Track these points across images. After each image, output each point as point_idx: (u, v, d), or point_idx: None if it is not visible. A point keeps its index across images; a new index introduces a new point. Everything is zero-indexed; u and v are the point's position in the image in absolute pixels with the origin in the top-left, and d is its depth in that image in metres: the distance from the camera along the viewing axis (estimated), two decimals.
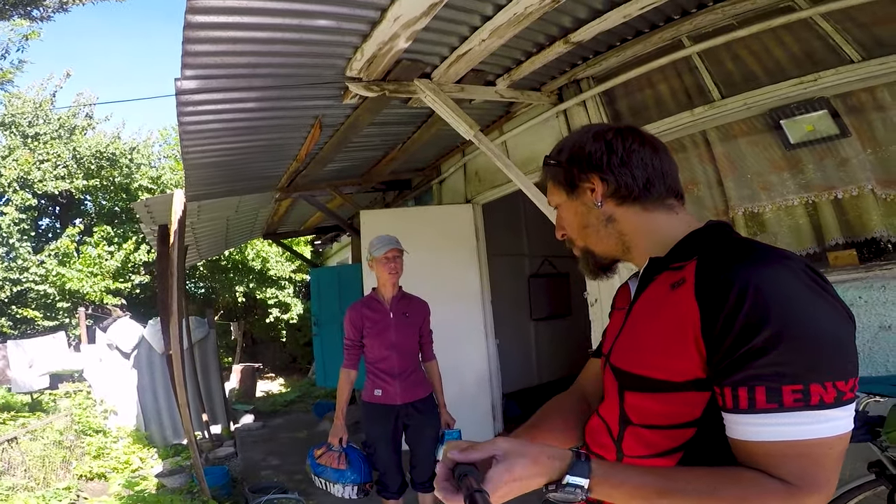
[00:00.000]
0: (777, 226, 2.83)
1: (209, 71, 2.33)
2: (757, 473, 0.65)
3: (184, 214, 4.66)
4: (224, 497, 4.10)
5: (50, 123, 11.81)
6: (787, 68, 2.60)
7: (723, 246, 0.74)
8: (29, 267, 10.75)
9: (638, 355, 0.79)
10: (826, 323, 0.64)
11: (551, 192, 0.95)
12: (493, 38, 2.44)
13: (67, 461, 5.53)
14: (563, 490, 0.66)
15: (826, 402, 0.62)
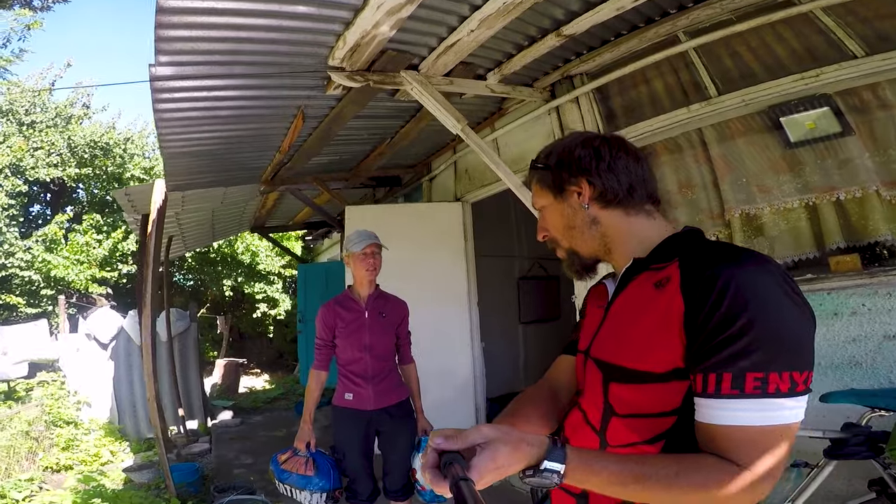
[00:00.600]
0: (775, 229, 2.73)
1: (185, 57, 2.23)
2: (715, 459, 0.70)
3: (164, 204, 4.54)
4: (191, 495, 3.96)
5: (47, 112, 11.69)
6: (788, 64, 2.51)
7: (704, 247, 0.81)
8: (15, 252, 10.58)
9: (622, 348, 0.84)
10: (791, 321, 0.71)
11: (537, 194, 0.98)
12: (483, 29, 2.33)
13: (34, 452, 5.40)
14: (540, 475, 0.68)
15: (782, 391, 0.69)
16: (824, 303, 2.35)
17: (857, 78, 2.35)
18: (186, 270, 12.59)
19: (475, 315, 4.42)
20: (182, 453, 5.51)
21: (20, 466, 5.10)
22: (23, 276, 10.55)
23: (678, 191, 3.04)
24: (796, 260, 2.64)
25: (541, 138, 3.57)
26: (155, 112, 2.71)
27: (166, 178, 4.04)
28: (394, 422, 2.60)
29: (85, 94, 12.57)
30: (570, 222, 0.93)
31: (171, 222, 5.78)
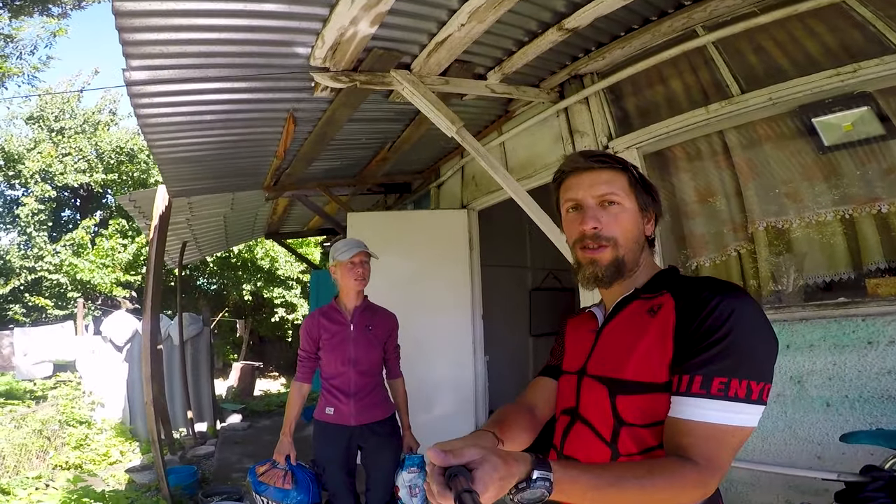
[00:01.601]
0: (806, 244, 2.45)
1: (157, 61, 2.13)
2: (677, 459, 0.81)
3: (168, 210, 4.50)
4: (186, 497, 3.91)
5: (75, 118, 12.07)
6: (820, 60, 2.21)
7: (693, 279, 0.96)
8: (44, 256, 10.92)
9: (624, 364, 0.93)
10: (761, 341, 0.85)
11: (622, 188, 1.00)
12: (474, 23, 2.13)
13: (45, 451, 5.49)
14: (533, 486, 0.71)
15: (739, 396, 0.81)
16: (857, 330, 2.08)
17: None
18: (209, 275, 12.75)
19: (479, 327, 4.20)
20: (187, 455, 5.57)
21: (31, 464, 5.20)
22: (51, 280, 10.86)
23: (697, 199, 2.78)
24: (827, 281, 2.34)
25: (548, 142, 3.34)
26: (137, 118, 2.62)
27: (166, 183, 3.98)
28: (377, 439, 2.50)
29: (112, 100, 12.92)
30: (637, 237, 1.00)
31: (183, 228, 5.77)
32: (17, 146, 11.65)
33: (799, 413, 2.19)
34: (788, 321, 2.27)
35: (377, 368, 2.56)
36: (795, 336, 2.24)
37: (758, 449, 2.29)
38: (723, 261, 2.69)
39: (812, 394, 2.17)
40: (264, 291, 12.08)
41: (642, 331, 0.93)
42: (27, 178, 11.30)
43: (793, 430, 2.21)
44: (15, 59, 9.21)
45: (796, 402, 2.21)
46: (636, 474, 0.78)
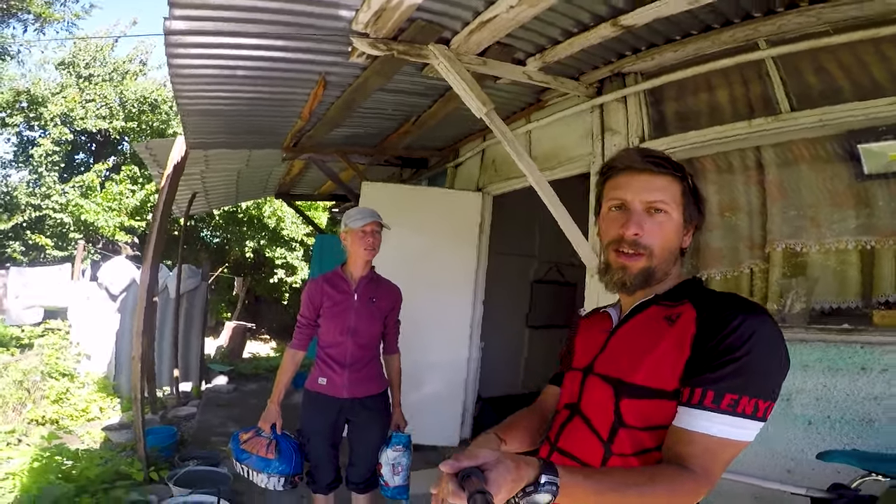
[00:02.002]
0: (819, 270, 2.43)
1: (199, 12, 2.11)
2: (678, 468, 0.83)
3: (183, 161, 4.44)
4: (162, 459, 3.76)
5: (105, 66, 11.95)
6: (884, 86, 2.15)
7: (716, 294, 0.96)
8: (51, 195, 10.84)
9: (634, 367, 0.93)
10: (775, 362, 0.87)
11: (672, 197, 0.97)
12: (524, 6, 2.08)
13: (23, 403, 5.30)
14: (540, 489, 0.73)
15: (747, 413, 0.83)
16: (854, 356, 2.13)
17: None
18: (213, 228, 12.72)
19: (478, 312, 4.22)
20: (169, 416, 5.42)
21: (5, 417, 5.01)
22: (55, 219, 10.81)
23: (718, 212, 2.75)
24: (835, 307, 2.35)
25: (577, 136, 3.31)
26: (170, 67, 2.59)
27: (185, 135, 3.94)
28: (367, 413, 2.46)
29: (144, 51, 12.80)
30: (675, 249, 0.99)
31: (196, 179, 5.73)
32: (44, 90, 11.53)
33: (780, 429, 2.24)
34: (789, 341, 2.25)
35: (375, 342, 2.51)
36: (792, 356, 2.27)
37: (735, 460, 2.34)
38: (734, 276, 2.68)
39: (796, 411, 2.23)
40: (266, 250, 12.05)
41: (658, 337, 0.93)
42: (47, 121, 11.21)
43: (769, 443, 2.26)
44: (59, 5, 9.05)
45: (779, 418, 2.24)
46: (637, 481, 0.81)
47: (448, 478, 0.73)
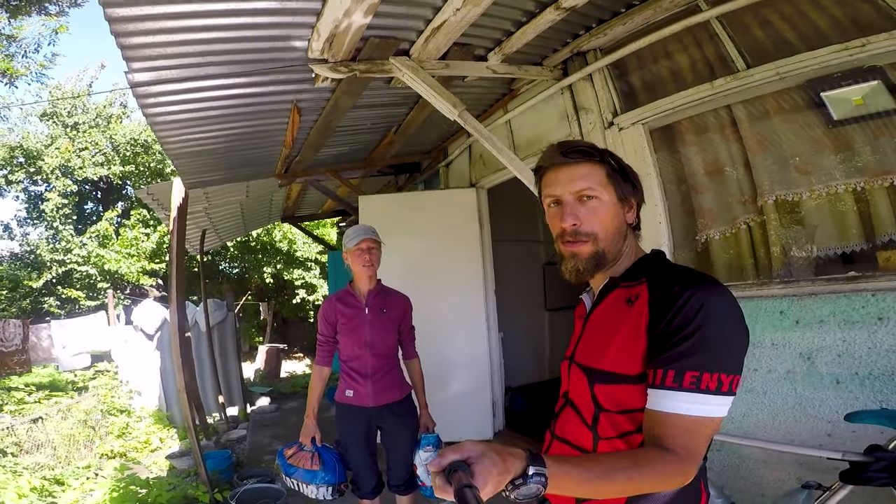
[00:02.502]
0: (817, 217, 2.40)
1: (158, 62, 2.17)
2: (660, 450, 0.84)
3: (185, 201, 4.59)
4: (223, 481, 4.05)
5: (88, 113, 12.23)
6: (829, 34, 2.14)
7: (670, 270, 0.97)
8: (72, 248, 11.26)
9: (602, 354, 0.98)
10: (730, 334, 0.88)
11: (599, 183, 1.00)
12: (469, 7, 2.12)
13: (91, 440, 5.72)
14: (529, 481, 0.73)
15: (710, 388, 0.84)
16: (867, 305, 2.02)
17: None
18: (231, 259, 13.01)
19: (492, 303, 4.26)
20: (222, 440, 5.72)
21: (80, 454, 5.41)
22: (81, 271, 11.22)
23: (705, 173, 2.75)
24: (839, 253, 2.31)
25: (555, 119, 3.31)
26: (146, 117, 2.68)
27: (181, 176, 4.06)
28: (395, 419, 2.57)
29: (122, 94, 13.03)
30: (619, 228, 1.02)
31: (201, 217, 5.90)
32: (35, 143, 11.91)
33: (809, 390, 2.16)
34: (798, 296, 2.23)
35: (393, 350, 2.62)
36: (805, 311, 2.21)
37: (768, 426, 2.28)
38: (733, 234, 2.67)
39: (822, 370, 2.14)
40: (284, 273, 12.30)
41: (619, 322, 0.96)
42: (48, 174, 11.61)
43: (803, 407, 2.19)
44: (21, 57, 9.34)
45: (806, 379, 2.18)
46: (623, 465, 0.82)
47: (435, 474, 0.73)
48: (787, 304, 2.25)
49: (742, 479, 2.42)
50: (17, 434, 5.35)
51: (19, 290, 11.33)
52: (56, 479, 4.40)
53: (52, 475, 4.47)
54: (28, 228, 12.82)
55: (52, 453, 5.32)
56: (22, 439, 5.34)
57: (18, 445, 5.22)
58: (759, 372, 2.31)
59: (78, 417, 5.99)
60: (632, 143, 2.81)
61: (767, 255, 2.54)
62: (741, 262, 2.62)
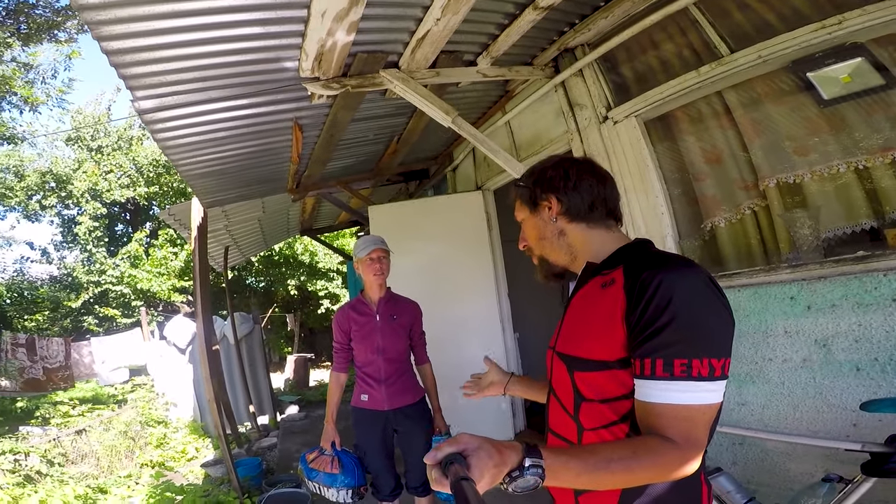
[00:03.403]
0: (822, 198, 2.34)
1: (159, 90, 2.27)
2: (658, 438, 0.82)
3: (204, 220, 4.76)
4: (253, 488, 4.21)
5: (110, 136, 12.74)
6: (806, 13, 2.12)
7: (645, 256, 0.96)
8: (106, 270, 11.76)
9: (579, 341, 0.98)
10: (709, 316, 0.85)
11: (518, 208, 1.14)
12: (449, 15, 2.17)
13: (132, 450, 6.04)
14: (526, 473, 0.73)
15: (703, 375, 0.82)
16: (880, 286, 1.93)
17: (890, 22, 1.93)
18: (256, 273, 13.35)
19: (505, 304, 4.28)
20: (253, 448, 5.92)
21: (121, 464, 5.75)
22: (116, 291, 11.71)
23: (704, 161, 2.73)
24: (848, 233, 2.24)
25: (551, 118, 3.33)
26: (156, 142, 2.81)
27: (197, 196, 4.22)
28: (409, 422, 2.65)
29: None
30: (541, 233, 1.09)
31: (223, 234, 6.09)
32: (64, 167, 12.48)
33: (828, 379, 2.08)
34: (807, 280, 2.17)
35: (404, 355, 2.70)
36: (816, 296, 2.14)
37: (789, 417, 2.22)
38: (738, 220, 2.64)
39: (839, 358, 2.05)
40: (308, 285, 12.57)
41: (594, 307, 0.97)
42: (78, 198, 12.17)
43: (824, 396, 2.11)
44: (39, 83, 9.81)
45: (824, 367, 2.10)
46: (622, 455, 0.80)
47: (431, 467, 0.73)
48: (796, 289, 2.20)
49: (767, 472, 2.38)
50: (62, 445, 5.69)
51: (60, 310, 11.91)
52: (100, 487, 4.67)
53: (95, 484, 4.72)
54: (64, 252, 13.45)
55: (95, 463, 5.65)
56: (67, 450, 5.67)
57: (65, 456, 5.54)
58: (774, 361, 2.26)
59: (119, 429, 6.31)
60: (627, 137, 2.81)
61: (774, 239, 2.50)
62: (749, 249, 2.58)
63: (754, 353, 2.31)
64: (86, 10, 1.52)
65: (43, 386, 8.93)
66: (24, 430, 5.93)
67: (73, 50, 9.99)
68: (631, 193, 2.80)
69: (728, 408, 2.40)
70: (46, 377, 9.03)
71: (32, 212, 12.97)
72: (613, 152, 2.87)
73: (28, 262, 14.18)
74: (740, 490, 1.95)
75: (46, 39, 8.77)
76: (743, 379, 2.35)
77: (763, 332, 2.27)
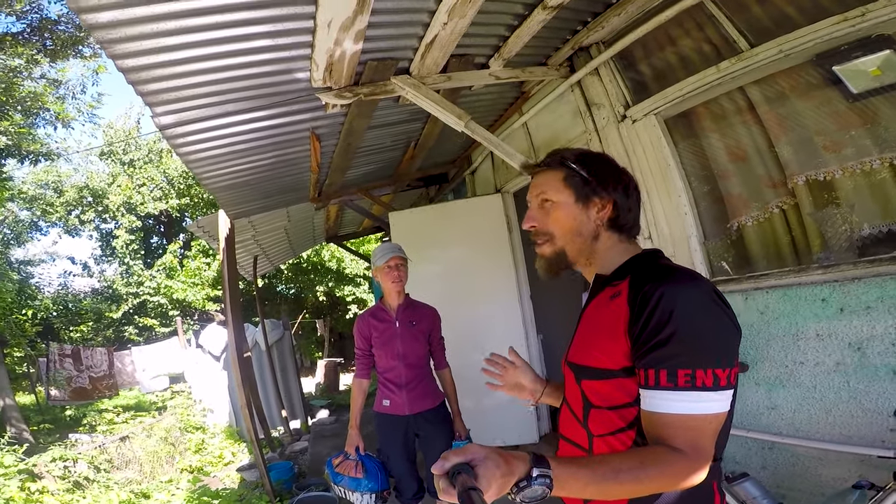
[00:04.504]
0: (855, 195, 2.22)
1: (177, 105, 2.32)
2: (665, 448, 0.82)
3: (232, 231, 4.88)
4: (286, 491, 4.28)
5: (140, 149, 13.22)
6: (827, 5, 2.02)
7: (650, 268, 0.96)
8: (143, 282, 12.20)
9: (586, 351, 0.99)
10: (712, 327, 0.84)
11: (554, 187, 1.04)
12: (456, 19, 2.15)
13: (172, 456, 6.22)
14: (534, 482, 0.73)
15: (707, 385, 0.82)
16: None
17: None
18: (286, 281, 13.62)
19: (528, 307, 4.22)
20: (286, 452, 6.04)
21: (162, 469, 5.94)
22: (153, 301, 12.13)
23: (729, 159, 2.63)
24: (885, 231, 2.11)
25: (569, 118, 3.28)
26: (179, 156, 2.89)
27: (223, 208, 4.33)
28: (430, 426, 2.67)
29: None
30: (579, 229, 1.03)
31: (251, 244, 6.23)
32: (99, 182, 13.00)
33: (863, 383, 2.00)
34: (840, 281, 2.08)
35: (424, 361, 2.72)
36: (849, 298, 2.04)
37: (822, 422, 2.14)
38: (766, 219, 2.53)
39: (875, 361, 1.96)
40: (336, 291, 12.74)
41: (601, 317, 0.97)
42: (114, 212, 12.67)
43: (858, 401, 2.02)
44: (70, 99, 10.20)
45: (858, 371, 2.02)
46: (630, 465, 0.80)
47: (439, 477, 0.73)
48: (828, 290, 2.10)
49: (798, 477, 2.29)
50: (108, 452, 5.92)
51: (102, 321, 12.41)
52: (143, 492, 4.82)
53: (139, 489, 4.89)
54: (104, 265, 14.03)
55: (138, 469, 5.86)
56: (112, 456, 5.89)
57: (110, 462, 5.76)
58: (805, 365, 2.18)
59: (160, 435, 6.52)
60: (647, 135, 2.74)
61: (804, 238, 2.39)
62: (778, 249, 2.48)
63: (784, 356, 2.22)
64: (96, 30, 1.56)
65: (89, 394, 9.32)
66: (73, 438, 6.18)
67: (100, 65, 10.27)
68: (652, 193, 2.72)
69: (757, 412, 2.33)
70: (92, 386, 9.41)
71: (72, 227, 13.58)
72: (633, 151, 2.79)
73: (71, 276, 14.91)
74: (767, 496, 1.89)
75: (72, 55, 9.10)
76: (773, 383, 2.27)
77: (793, 334, 2.19)
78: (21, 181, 13.03)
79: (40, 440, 7.87)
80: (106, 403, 8.78)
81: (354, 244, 9.59)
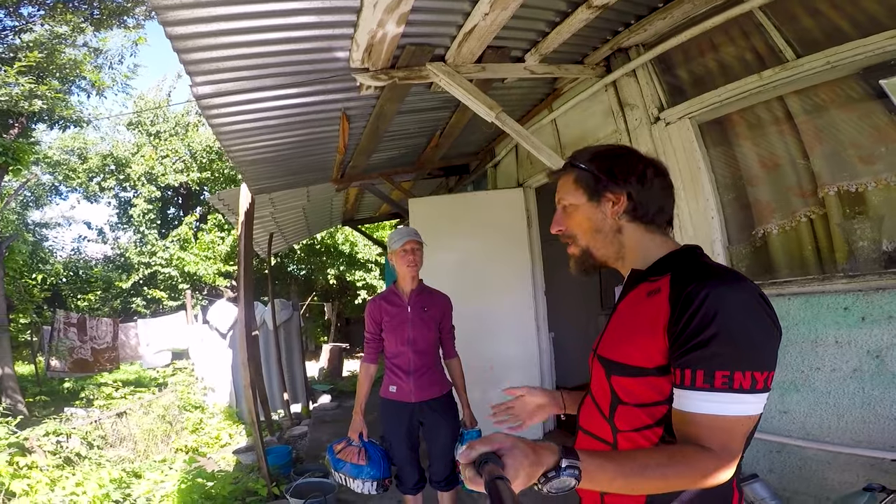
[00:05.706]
0: (884, 207, 2.24)
1: (217, 76, 2.35)
2: (694, 447, 0.83)
3: (252, 207, 4.91)
4: (282, 476, 4.26)
5: (168, 122, 13.30)
6: (882, 20, 2.01)
7: (693, 266, 0.94)
8: (156, 252, 12.33)
9: (620, 346, 0.97)
10: (755, 330, 0.84)
11: (567, 190, 1.06)
12: (497, 11, 2.16)
13: (168, 435, 6.12)
14: (563, 473, 0.73)
15: (745, 388, 0.81)
16: None
17: None
18: (298, 261, 13.71)
19: (542, 303, 4.23)
20: (285, 436, 6.00)
21: (157, 448, 5.85)
22: (164, 273, 12.25)
23: (760, 166, 2.63)
24: None
25: (600, 117, 3.28)
26: (211, 127, 2.92)
27: (246, 182, 4.37)
28: (435, 415, 2.65)
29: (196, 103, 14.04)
30: (597, 226, 1.02)
31: (268, 221, 6.27)
32: (123, 151, 13.13)
33: (878, 390, 2.04)
34: (863, 291, 2.12)
35: (433, 348, 2.70)
36: (872, 307, 2.09)
37: (833, 426, 2.17)
38: (792, 227, 2.54)
39: (893, 369, 2.01)
40: (347, 275, 12.80)
41: (637, 314, 0.95)
42: (135, 181, 12.81)
43: (872, 407, 2.06)
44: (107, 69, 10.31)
45: (875, 377, 2.06)
46: (658, 462, 0.80)
47: (465, 466, 0.73)
48: (851, 299, 2.15)
49: (804, 480, 2.33)
50: (103, 427, 5.77)
51: (111, 290, 12.56)
52: (134, 471, 4.72)
53: (131, 468, 4.79)
54: (119, 233, 14.19)
55: (133, 447, 5.74)
56: (107, 433, 5.74)
57: (104, 438, 5.62)
58: (822, 371, 2.22)
59: (157, 413, 6.41)
60: (679, 138, 2.74)
61: (830, 248, 2.41)
62: (802, 256, 2.50)
63: (801, 361, 2.26)
64: None
65: (90, 367, 9.16)
66: (69, 412, 5.96)
67: (140, 36, 10.38)
68: (680, 196, 2.73)
69: (769, 415, 2.36)
70: (94, 358, 9.28)
71: (92, 193, 13.76)
72: (664, 153, 2.80)
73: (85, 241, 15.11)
74: (774, 497, 1.92)
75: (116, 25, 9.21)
76: (787, 387, 2.30)
77: (812, 340, 2.23)
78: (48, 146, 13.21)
79: (35, 413, 7.75)
80: (105, 377, 8.61)
81: (369, 229, 9.62)
